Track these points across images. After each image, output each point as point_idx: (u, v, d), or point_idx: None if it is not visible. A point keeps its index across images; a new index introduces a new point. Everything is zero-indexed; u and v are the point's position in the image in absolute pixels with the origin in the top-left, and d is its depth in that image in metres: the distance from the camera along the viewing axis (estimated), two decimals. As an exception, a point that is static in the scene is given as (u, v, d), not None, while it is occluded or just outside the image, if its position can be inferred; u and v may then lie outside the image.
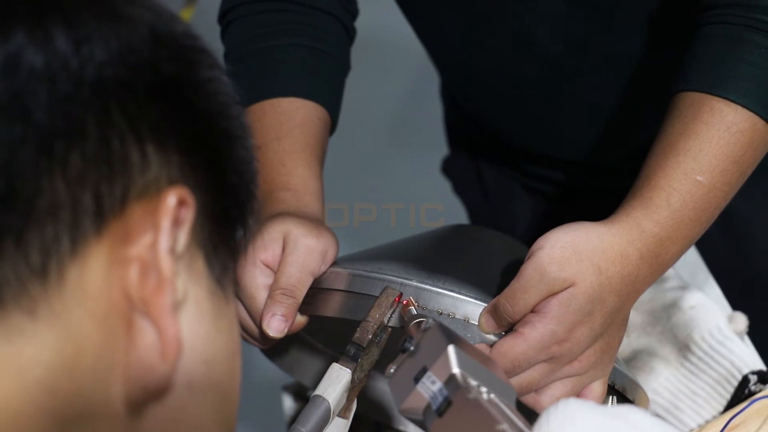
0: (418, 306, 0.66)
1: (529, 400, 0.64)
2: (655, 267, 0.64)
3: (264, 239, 0.70)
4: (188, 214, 0.35)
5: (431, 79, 1.37)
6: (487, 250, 0.75)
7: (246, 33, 0.82)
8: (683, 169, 0.64)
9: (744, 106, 0.65)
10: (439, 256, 0.73)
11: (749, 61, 0.65)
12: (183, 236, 0.35)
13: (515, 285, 0.62)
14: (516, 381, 0.63)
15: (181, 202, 0.35)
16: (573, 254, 0.62)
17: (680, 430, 0.57)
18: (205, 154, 0.37)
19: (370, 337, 0.65)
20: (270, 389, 1.24)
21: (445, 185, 1.32)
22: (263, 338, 0.71)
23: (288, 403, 1.00)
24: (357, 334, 0.65)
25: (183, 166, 0.36)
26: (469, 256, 0.74)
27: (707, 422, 0.81)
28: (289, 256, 0.69)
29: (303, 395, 1.00)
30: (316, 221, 0.74)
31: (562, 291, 0.61)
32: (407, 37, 1.00)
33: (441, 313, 0.65)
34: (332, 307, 0.69)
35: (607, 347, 0.64)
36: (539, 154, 0.97)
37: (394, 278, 0.67)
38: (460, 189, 1.13)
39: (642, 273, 0.64)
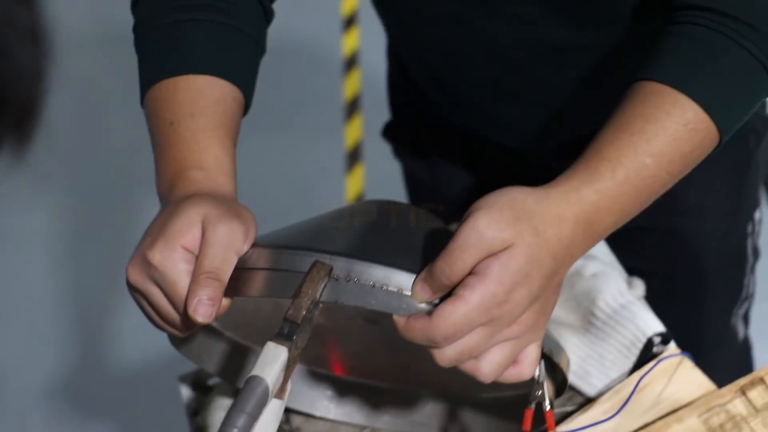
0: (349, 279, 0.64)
1: (468, 367, 0.64)
2: (588, 234, 0.65)
3: (182, 223, 0.66)
4: None
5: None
6: (410, 225, 0.74)
7: (158, 5, 0.78)
8: (635, 148, 0.66)
9: (705, 111, 0.67)
10: (363, 230, 0.71)
11: (721, 71, 0.69)
12: None
13: (452, 246, 0.62)
14: (457, 348, 0.62)
15: None
16: (511, 215, 0.62)
17: None
18: None
19: (304, 313, 0.63)
20: (165, 380, 1.20)
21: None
22: (185, 325, 0.67)
23: (186, 392, 0.96)
24: (291, 311, 0.63)
25: None
26: (393, 230, 0.73)
27: (616, 384, 0.83)
28: (211, 238, 0.66)
29: (200, 384, 0.97)
30: (233, 201, 0.71)
31: (501, 252, 0.61)
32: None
33: (374, 286, 0.64)
34: (258, 287, 0.66)
35: (542, 310, 0.64)
36: (483, 138, 0.98)
37: (323, 254, 0.65)
38: (400, 152, 1.12)
39: (577, 238, 0.64)
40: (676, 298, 1.05)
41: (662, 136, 0.67)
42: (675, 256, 1.05)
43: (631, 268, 0.96)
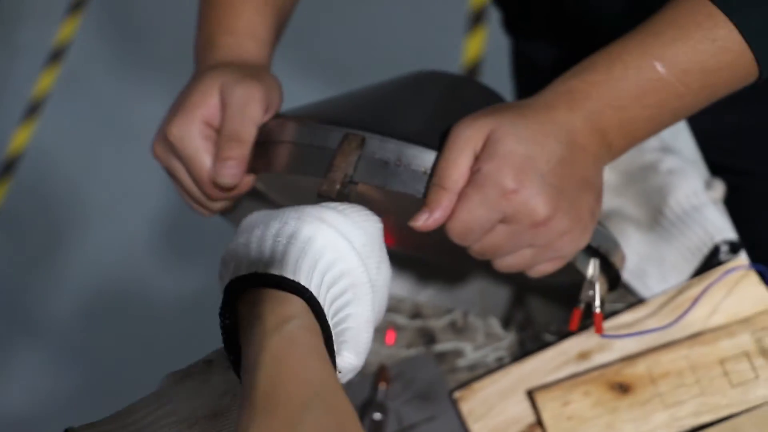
0: None
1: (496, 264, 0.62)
2: (593, 127, 0.60)
3: (198, 95, 0.64)
4: None
5: None
6: (474, 106, 0.70)
7: None
8: (643, 49, 0.60)
9: (740, 32, 0.60)
10: (419, 107, 0.67)
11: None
12: None
13: (441, 157, 0.59)
14: (482, 245, 0.60)
15: None
16: (490, 110, 0.60)
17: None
18: None
19: (338, 187, 0.60)
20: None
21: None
22: (208, 201, 0.67)
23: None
24: (324, 186, 0.60)
25: None
26: (453, 111, 0.68)
27: (673, 288, 0.79)
28: (228, 100, 0.64)
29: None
30: (258, 67, 0.68)
31: (486, 142, 0.58)
32: None
33: (425, 173, 0.60)
34: (283, 162, 0.63)
35: (574, 213, 0.59)
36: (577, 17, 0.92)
37: (374, 134, 0.61)
38: (507, 24, 1.07)
39: (577, 124, 0.59)
40: None
41: (681, 43, 0.60)
42: None
43: None
